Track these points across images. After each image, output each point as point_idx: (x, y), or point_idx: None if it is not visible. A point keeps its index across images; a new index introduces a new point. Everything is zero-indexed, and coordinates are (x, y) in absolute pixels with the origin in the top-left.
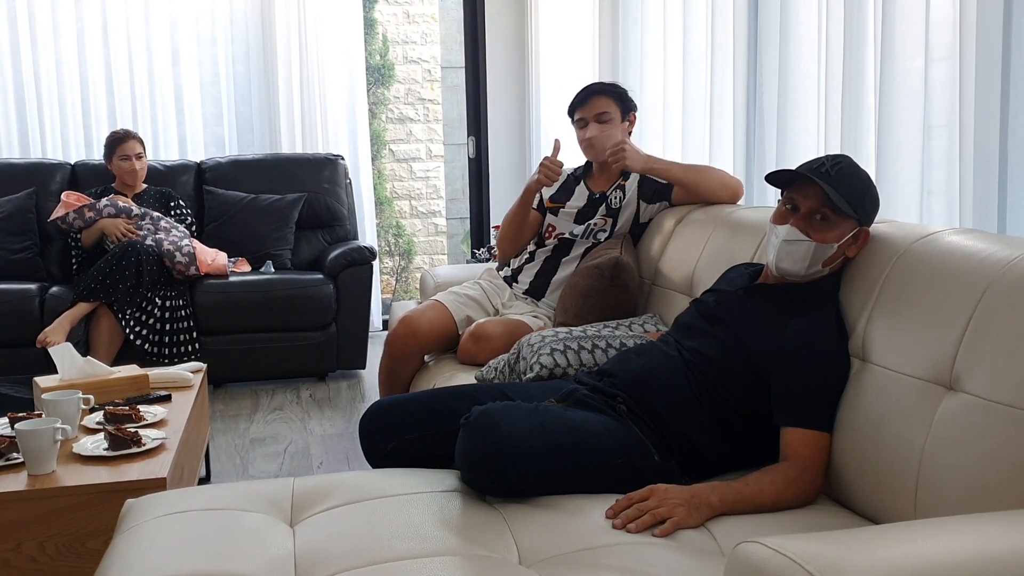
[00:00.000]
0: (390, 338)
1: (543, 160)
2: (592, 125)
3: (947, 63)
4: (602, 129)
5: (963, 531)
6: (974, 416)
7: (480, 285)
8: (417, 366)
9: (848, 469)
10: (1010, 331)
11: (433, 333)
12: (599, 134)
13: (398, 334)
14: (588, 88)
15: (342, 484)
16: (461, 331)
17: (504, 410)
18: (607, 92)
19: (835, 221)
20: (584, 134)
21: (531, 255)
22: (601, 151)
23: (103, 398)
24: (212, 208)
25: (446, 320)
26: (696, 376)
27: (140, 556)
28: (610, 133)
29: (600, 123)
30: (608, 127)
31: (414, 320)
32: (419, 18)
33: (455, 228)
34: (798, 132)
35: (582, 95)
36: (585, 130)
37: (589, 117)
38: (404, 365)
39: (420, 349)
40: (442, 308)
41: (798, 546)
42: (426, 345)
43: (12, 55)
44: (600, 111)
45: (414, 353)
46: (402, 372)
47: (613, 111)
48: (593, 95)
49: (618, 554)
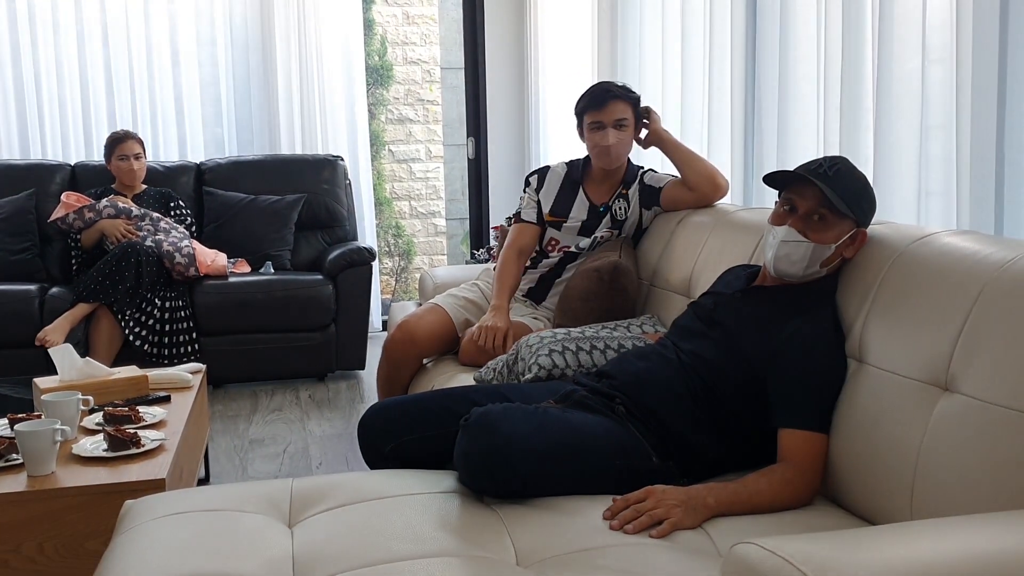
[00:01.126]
0: (388, 343)
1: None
2: (611, 131)
3: (944, 64)
4: (620, 137)
5: (957, 532)
6: (970, 417)
7: (478, 286)
8: (416, 369)
9: (844, 470)
10: (1006, 332)
11: (431, 338)
12: (616, 142)
13: (396, 339)
14: (606, 90)
15: (340, 485)
16: (460, 333)
17: (503, 412)
18: (625, 97)
19: (833, 222)
20: (601, 140)
21: (533, 263)
22: (616, 159)
23: (102, 399)
24: (212, 209)
25: (445, 324)
26: (694, 378)
27: (139, 557)
28: (627, 142)
29: (618, 129)
30: (625, 134)
31: (412, 326)
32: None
33: (454, 229)
34: (796, 133)
35: (600, 96)
36: (602, 134)
37: (607, 122)
38: (402, 370)
39: (418, 354)
40: (441, 312)
41: (793, 547)
42: (424, 350)
43: (12, 55)
44: (620, 117)
45: (412, 358)
46: (400, 377)
47: (629, 117)
48: (612, 99)
49: (615, 555)
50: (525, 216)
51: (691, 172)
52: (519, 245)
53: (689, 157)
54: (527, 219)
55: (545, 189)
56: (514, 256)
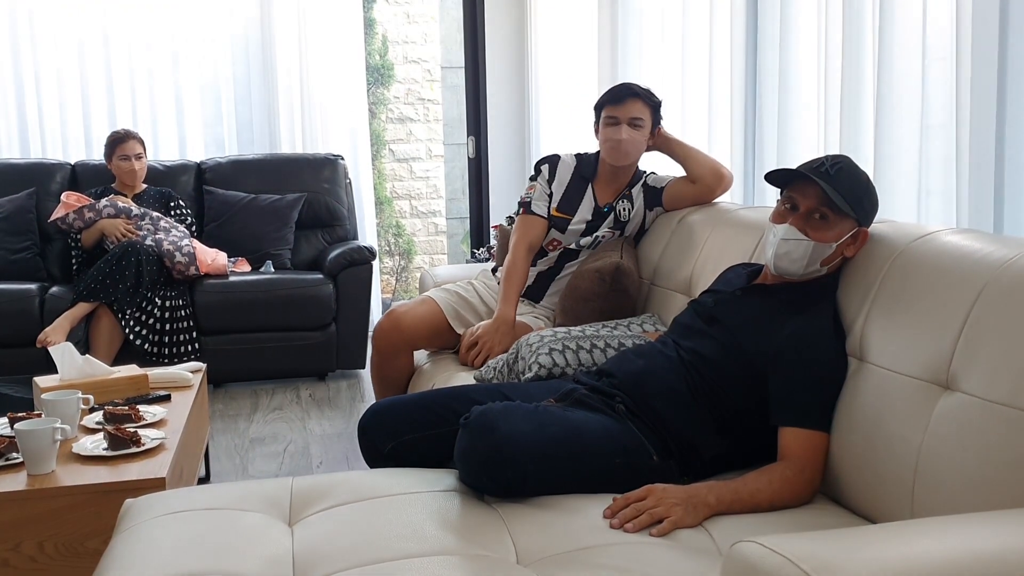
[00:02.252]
0: (375, 332)
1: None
2: (624, 127)
3: (944, 63)
4: (632, 134)
5: (957, 531)
6: (970, 416)
7: (473, 286)
8: (406, 363)
9: (845, 468)
10: (1006, 331)
11: (418, 327)
12: (628, 139)
13: (382, 327)
14: (627, 87)
15: (340, 484)
16: (453, 324)
17: (503, 410)
18: (645, 98)
19: (834, 221)
20: (613, 134)
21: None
22: (624, 156)
23: (103, 398)
24: (212, 208)
25: (434, 315)
26: (694, 376)
27: (139, 556)
28: (638, 142)
29: (632, 127)
30: (638, 134)
31: (399, 314)
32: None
33: (455, 228)
34: (797, 132)
35: (620, 92)
36: (615, 128)
37: (623, 118)
38: (391, 360)
39: (405, 343)
40: (431, 303)
41: (793, 545)
42: (411, 339)
43: (13, 55)
44: (635, 116)
45: (399, 347)
46: (390, 368)
47: (646, 119)
48: (631, 96)
49: (615, 553)
50: (536, 209)
51: (695, 165)
52: (529, 240)
53: (693, 151)
54: (538, 212)
55: (557, 181)
56: (525, 253)
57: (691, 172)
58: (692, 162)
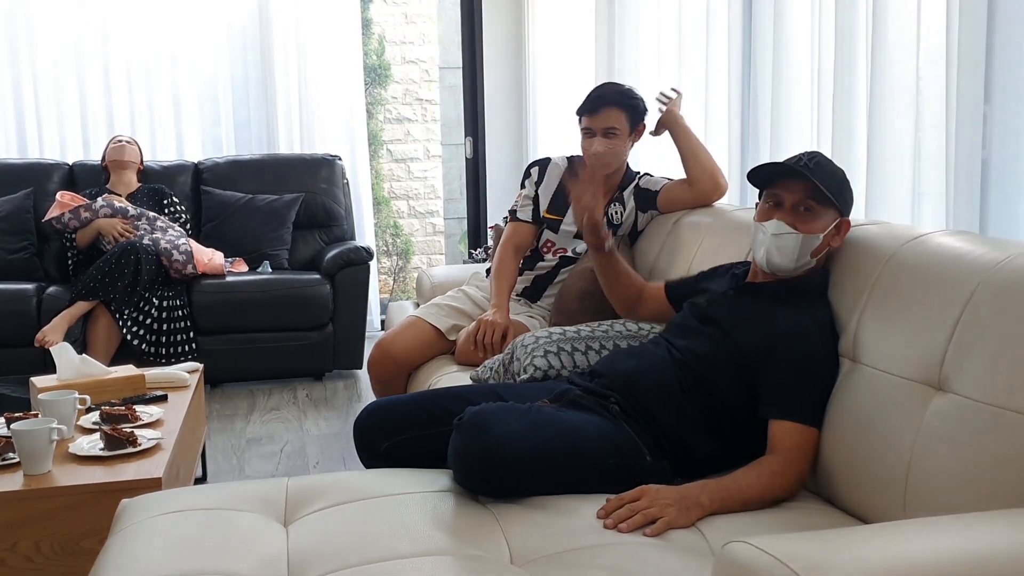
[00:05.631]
0: (369, 363)
1: (485, 335)
2: (598, 140)
3: (937, 65)
4: (608, 145)
5: (948, 531)
6: (962, 416)
7: (465, 292)
8: (405, 380)
9: (838, 468)
10: (998, 332)
11: (409, 350)
12: (603, 151)
13: (374, 358)
14: (600, 96)
15: (335, 484)
16: (450, 337)
17: (497, 411)
18: (619, 103)
19: (819, 212)
20: (587, 145)
21: (529, 264)
22: (603, 167)
23: (99, 398)
24: (209, 208)
25: (424, 333)
26: (687, 374)
27: (135, 556)
28: (616, 151)
29: (608, 137)
30: (614, 142)
31: (388, 344)
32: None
33: (452, 228)
34: (791, 134)
35: (593, 103)
36: (589, 141)
37: (597, 130)
38: (389, 385)
39: (400, 368)
40: (420, 325)
41: (784, 546)
42: (405, 364)
43: (10, 55)
44: (608, 126)
45: (394, 373)
46: (391, 390)
47: (622, 125)
48: (604, 105)
49: (609, 554)
50: (521, 215)
51: (696, 164)
52: (515, 242)
53: (697, 149)
54: (523, 218)
55: (545, 184)
56: (511, 253)
57: (690, 172)
58: (694, 161)
